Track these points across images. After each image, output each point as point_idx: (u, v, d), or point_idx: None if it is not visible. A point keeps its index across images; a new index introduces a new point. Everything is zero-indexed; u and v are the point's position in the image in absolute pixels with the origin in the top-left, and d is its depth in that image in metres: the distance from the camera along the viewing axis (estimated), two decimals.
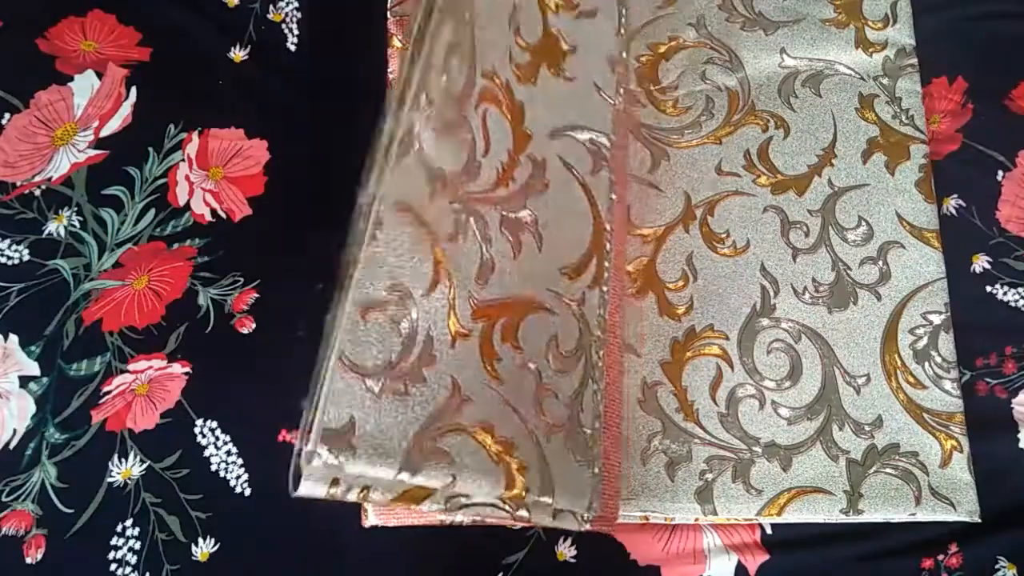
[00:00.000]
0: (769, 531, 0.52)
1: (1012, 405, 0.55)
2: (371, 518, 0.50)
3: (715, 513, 0.51)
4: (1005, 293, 0.57)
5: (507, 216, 0.43)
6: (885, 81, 0.60)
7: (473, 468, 0.35)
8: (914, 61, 0.60)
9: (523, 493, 0.37)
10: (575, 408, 0.43)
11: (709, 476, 0.51)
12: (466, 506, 0.36)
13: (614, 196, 0.48)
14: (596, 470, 0.43)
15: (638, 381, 0.53)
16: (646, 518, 0.51)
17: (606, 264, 0.46)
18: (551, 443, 0.40)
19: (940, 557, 0.51)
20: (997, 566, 0.51)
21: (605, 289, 0.45)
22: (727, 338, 0.54)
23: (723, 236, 0.57)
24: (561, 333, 0.43)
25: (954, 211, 0.59)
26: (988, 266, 0.57)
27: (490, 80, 0.43)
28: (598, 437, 0.43)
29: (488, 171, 0.42)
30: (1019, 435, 0.54)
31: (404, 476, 0.33)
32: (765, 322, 0.55)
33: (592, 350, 0.44)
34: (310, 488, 0.32)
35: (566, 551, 0.52)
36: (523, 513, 0.38)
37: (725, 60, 0.61)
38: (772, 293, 0.55)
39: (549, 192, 0.45)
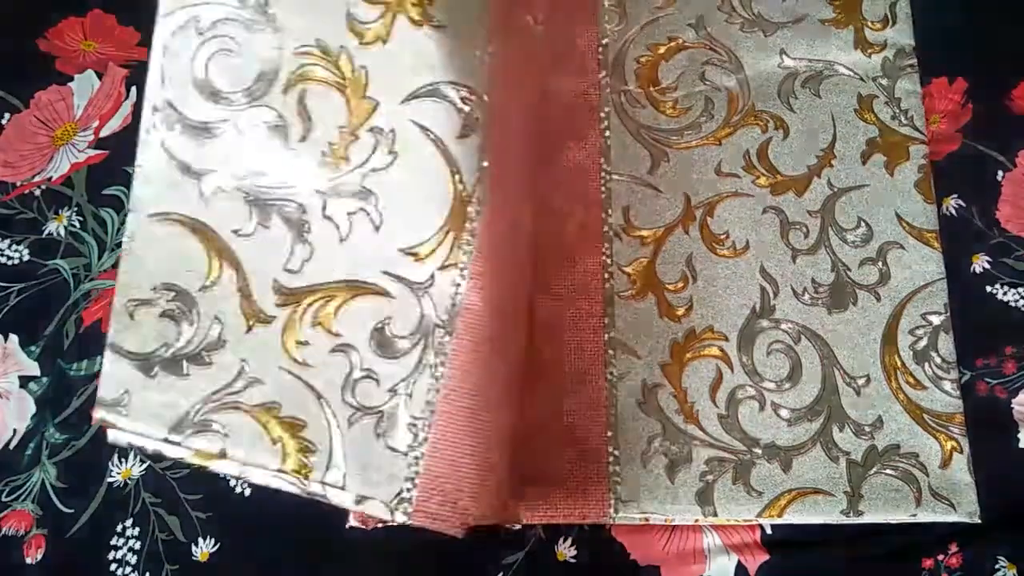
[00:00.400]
0: (769, 531, 0.52)
1: (1012, 405, 0.55)
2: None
3: (715, 514, 0.51)
4: (1005, 293, 0.57)
5: (334, 199, 0.42)
6: (884, 82, 0.60)
7: (247, 442, 0.40)
8: (913, 61, 0.60)
9: (304, 472, 0.40)
10: (399, 395, 0.41)
11: (709, 478, 0.51)
12: (257, 470, 0.41)
13: (486, 163, 0.43)
14: (413, 463, 0.41)
15: (638, 383, 0.53)
16: (646, 519, 0.51)
17: (468, 242, 0.42)
18: (355, 427, 0.41)
19: (940, 557, 0.52)
20: (997, 566, 0.51)
21: (463, 271, 0.42)
22: (727, 339, 0.54)
23: (723, 237, 0.57)
24: (396, 318, 0.42)
25: (954, 211, 0.59)
26: (988, 266, 0.57)
27: (310, 56, 0.42)
28: (423, 428, 0.41)
29: (308, 156, 0.42)
30: (1019, 435, 0.54)
31: (174, 437, 0.40)
32: (765, 323, 0.55)
33: (435, 336, 0.42)
34: (113, 436, 0.41)
35: (566, 551, 0.52)
36: (316, 490, 0.41)
37: (724, 61, 0.61)
38: (772, 294, 0.55)
39: (397, 165, 0.42)
